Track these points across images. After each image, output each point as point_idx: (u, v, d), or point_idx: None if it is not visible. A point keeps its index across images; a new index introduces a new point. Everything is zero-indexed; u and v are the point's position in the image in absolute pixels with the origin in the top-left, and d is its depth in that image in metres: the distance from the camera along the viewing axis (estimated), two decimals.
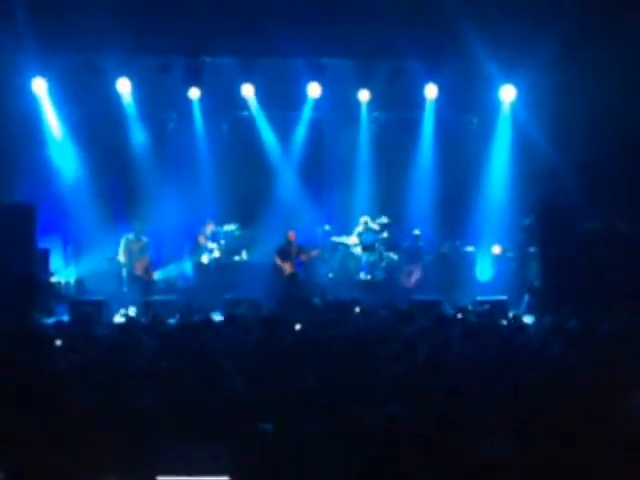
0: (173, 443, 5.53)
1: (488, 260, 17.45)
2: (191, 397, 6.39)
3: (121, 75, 16.99)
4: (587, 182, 15.82)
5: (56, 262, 16.68)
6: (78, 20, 15.58)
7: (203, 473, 5.10)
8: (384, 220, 17.34)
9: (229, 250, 17.38)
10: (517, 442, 5.44)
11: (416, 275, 16.61)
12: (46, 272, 15.79)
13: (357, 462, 5.22)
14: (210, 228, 17.16)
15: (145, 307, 14.82)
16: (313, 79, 17.39)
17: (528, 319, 13.34)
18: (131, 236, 16.30)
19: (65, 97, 17.12)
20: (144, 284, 16.27)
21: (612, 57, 15.79)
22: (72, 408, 6.07)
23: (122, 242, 16.22)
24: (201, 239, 17.04)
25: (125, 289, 16.12)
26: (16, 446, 5.44)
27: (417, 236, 17.04)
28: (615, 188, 15.76)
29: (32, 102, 16.94)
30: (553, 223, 15.48)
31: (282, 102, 17.91)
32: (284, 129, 18.27)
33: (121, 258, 16.18)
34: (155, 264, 16.68)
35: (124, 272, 16.17)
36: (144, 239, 16.40)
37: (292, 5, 15.90)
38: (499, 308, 14.13)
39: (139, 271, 16.22)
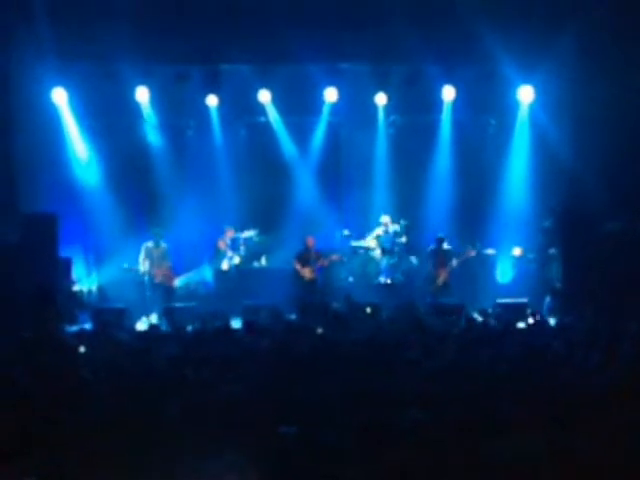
0: (195, 450, 5.56)
1: (509, 262, 17.40)
2: (211, 403, 6.42)
3: (140, 84, 17.11)
4: (607, 183, 15.76)
5: (78, 271, 16.78)
6: (97, 30, 15.73)
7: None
8: (403, 223, 17.32)
9: (248, 256, 17.42)
10: (544, 442, 5.42)
11: (442, 278, 16.46)
12: (68, 281, 15.91)
13: (378, 467, 5.22)
14: (230, 234, 17.20)
15: (166, 314, 14.89)
16: (330, 84, 17.41)
17: (550, 321, 13.30)
18: (150, 243, 16.35)
19: (85, 106, 17.26)
20: (165, 291, 16.34)
21: (631, 57, 15.73)
22: (94, 415, 6.11)
23: (142, 250, 16.30)
24: (221, 244, 17.09)
25: (147, 296, 16.19)
26: (38, 452, 5.48)
27: (442, 239, 16.79)
28: (636, 189, 15.68)
29: (52, 112, 17.07)
30: (574, 224, 15.43)
31: (299, 107, 17.95)
32: (301, 134, 18.31)
33: (141, 266, 16.24)
34: (175, 271, 16.74)
35: (145, 279, 16.23)
36: (163, 245, 16.46)
37: (308, 11, 15.95)
38: (520, 310, 14.10)
39: (160, 278, 16.27)
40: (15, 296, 13.97)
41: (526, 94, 17.25)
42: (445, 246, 16.53)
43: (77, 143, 17.51)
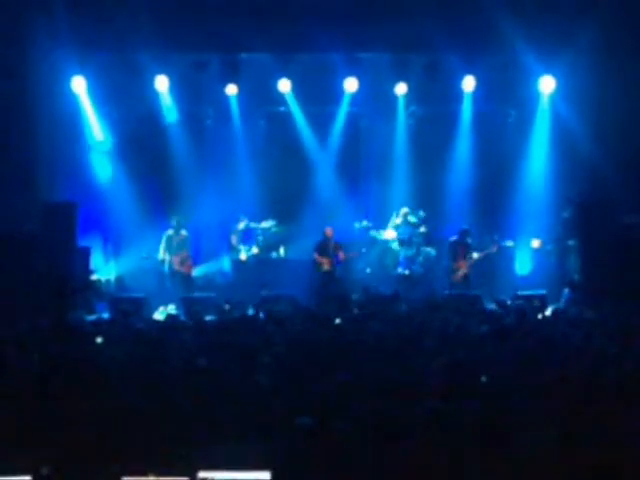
0: (213, 438, 5.57)
1: (527, 254, 17.32)
2: (230, 393, 6.42)
3: (159, 73, 17.09)
4: (627, 174, 15.66)
5: (96, 260, 16.83)
6: (115, 18, 15.73)
7: (244, 468, 5.11)
8: (421, 214, 17.27)
9: (267, 246, 17.43)
10: (561, 434, 5.40)
11: (463, 271, 16.38)
12: (87, 270, 15.96)
13: (394, 457, 5.21)
14: (242, 225, 17.22)
15: (184, 304, 14.94)
16: (350, 74, 17.34)
17: (569, 313, 13.23)
18: (171, 231, 16.47)
19: (104, 95, 17.28)
20: (184, 279, 16.42)
21: None
22: (113, 404, 6.13)
23: (163, 239, 16.40)
24: (233, 239, 17.13)
25: (167, 285, 16.25)
26: (58, 441, 5.50)
27: (466, 231, 16.59)
28: None
29: (71, 100, 17.10)
30: (593, 216, 15.35)
31: (319, 97, 17.88)
32: (321, 124, 18.25)
33: (161, 254, 16.33)
34: (194, 260, 16.79)
35: (165, 268, 16.31)
36: (184, 233, 16.58)
37: (327, 0, 15.89)
38: (539, 302, 14.05)
39: (177, 265, 16.37)
40: (34, 285, 14.05)
41: (547, 85, 17.10)
42: (468, 239, 16.46)
43: (96, 132, 17.54)
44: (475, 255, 16.35)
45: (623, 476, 5.03)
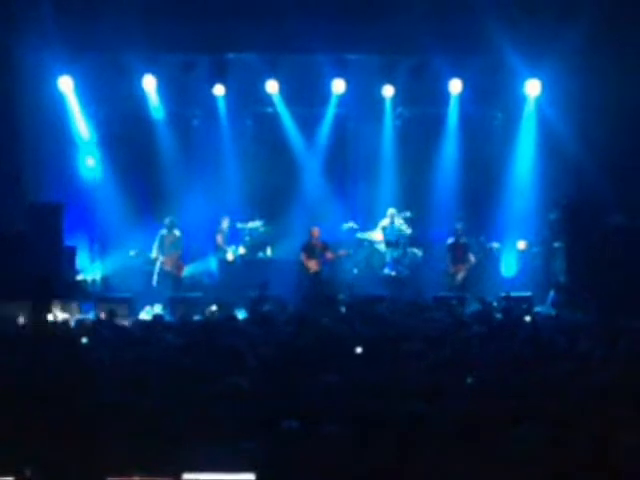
0: (198, 440, 5.56)
1: (513, 256, 17.37)
2: (215, 394, 6.42)
3: (146, 73, 17.06)
4: (613, 177, 15.73)
5: (82, 260, 16.79)
6: (103, 18, 15.68)
7: (229, 470, 5.11)
8: (408, 215, 17.29)
9: (254, 247, 17.42)
10: (547, 435, 5.42)
11: (462, 275, 16.42)
12: (73, 270, 15.91)
13: (380, 459, 5.22)
14: (225, 223, 17.22)
15: (171, 304, 14.92)
16: (337, 75, 17.35)
17: (554, 315, 13.28)
18: (164, 231, 16.53)
19: (91, 95, 17.24)
20: (173, 279, 16.43)
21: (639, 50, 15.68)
22: (97, 405, 6.11)
23: (157, 238, 16.42)
24: (218, 239, 17.12)
25: (154, 284, 16.23)
26: (41, 443, 5.49)
27: (459, 231, 16.65)
28: None
29: (58, 100, 17.05)
30: (579, 218, 15.40)
31: (306, 98, 17.89)
32: (308, 125, 18.24)
33: (153, 253, 16.37)
34: (183, 260, 16.80)
35: (156, 267, 16.31)
36: (176, 233, 16.61)
37: (316, 1, 15.91)
38: (524, 304, 14.09)
39: (168, 266, 16.39)
40: (19, 284, 13.99)
41: (533, 87, 17.17)
42: (463, 239, 16.50)
43: (83, 132, 17.49)
44: (472, 258, 16.44)
45: (608, 477, 5.06)
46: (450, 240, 16.67)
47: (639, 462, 5.06)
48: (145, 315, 14.40)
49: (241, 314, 12.80)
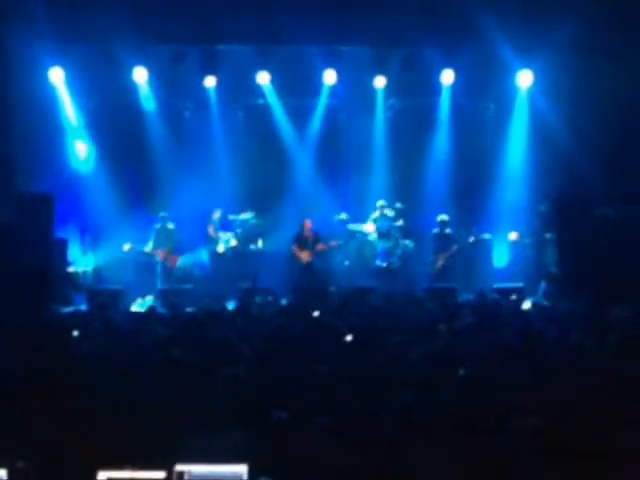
0: (191, 432, 5.56)
1: (505, 247, 17.40)
2: (207, 385, 6.42)
3: (137, 64, 17.01)
4: (604, 168, 15.75)
5: (74, 252, 16.75)
6: (94, 9, 15.64)
7: (221, 461, 5.11)
8: (399, 206, 17.29)
9: (245, 239, 17.40)
10: (539, 427, 5.44)
11: (440, 263, 16.48)
12: (64, 262, 15.88)
13: (372, 450, 5.23)
14: (216, 215, 17.22)
15: (163, 296, 14.91)
16: (329, 66, 17.32)
17: (545, 305, 13.31)
18: (158, 225, 16.61)
19: (82, 86, 17.16)
20: (166, 272, 16.44)
21: (630, 42, 15.68)
22: (89, 397, 6.11)
23: (153, 231, 16.56)
24: (210, 230, 17.12)
25: (146, 276, 16.25)
26: (34, 435, 5.49)
27: (444, 222, 16.71)
28: (632, 174, 15.67)
29: (49, 92, 16.99)
30: (570, 209, 15.43)
31: (298, 89, 17.85)
32: (300, 116, 18.21)
33: (148, 247, 16.39)
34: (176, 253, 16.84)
35: (150, 259, 16.36)
36: (170, 226, 16.67)
37: None
38: (516, 294, 14.14)
39: (161, 258, 16.43)
40: (10, 276, 13.95)
41: (525, 79, 17.18)
42: (447, 230, 16.54)
43: (74, 123, 17.44)
44: (455, 247, 16.46)
45: (600, 468, 5.08)
46: (435, 230, 16.72)
47: (630, 454, 5.08)
48: (137, 307, 14.38)
49: (232, 306, 12.79)
